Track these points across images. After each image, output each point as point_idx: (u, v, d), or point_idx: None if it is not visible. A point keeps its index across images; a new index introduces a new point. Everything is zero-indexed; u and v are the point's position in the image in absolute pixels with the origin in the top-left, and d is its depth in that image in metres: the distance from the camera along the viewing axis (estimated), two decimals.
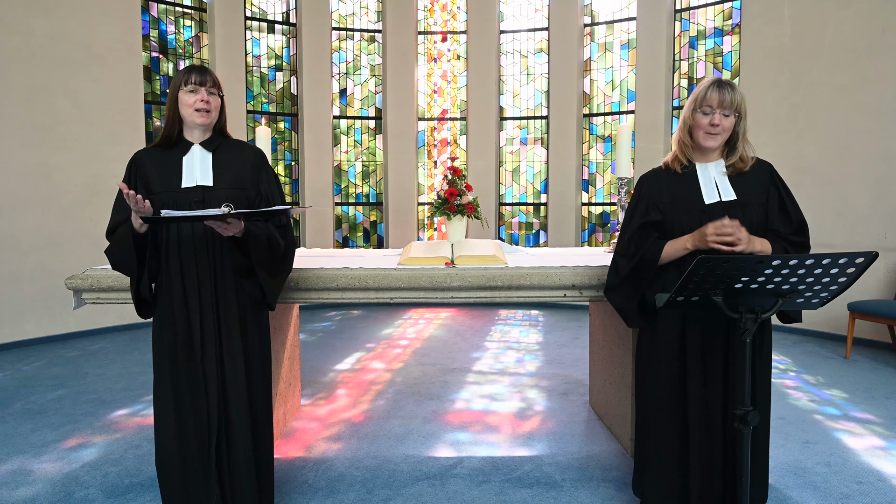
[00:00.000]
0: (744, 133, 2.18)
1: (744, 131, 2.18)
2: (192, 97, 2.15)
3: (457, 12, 7.72)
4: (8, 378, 4.51)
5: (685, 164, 2.23)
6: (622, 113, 7.16)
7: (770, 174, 2.21)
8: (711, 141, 2.15)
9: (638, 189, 2.31)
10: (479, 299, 2.74)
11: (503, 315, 6.84)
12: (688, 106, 2.17)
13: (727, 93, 2.10)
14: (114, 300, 2.69)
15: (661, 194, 2.22)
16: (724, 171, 2.20)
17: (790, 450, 3.15)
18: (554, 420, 3.61)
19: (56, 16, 5.59)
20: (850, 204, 5.34)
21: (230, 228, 2.06)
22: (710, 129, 2.12)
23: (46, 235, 5.58)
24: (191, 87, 2.14)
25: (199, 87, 2.14)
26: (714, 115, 2.11)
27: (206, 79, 2.16)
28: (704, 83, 2.15)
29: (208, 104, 2.16)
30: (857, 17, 5.28)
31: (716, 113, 2.11)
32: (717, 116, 2.11)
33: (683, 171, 2.23)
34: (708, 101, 2.11)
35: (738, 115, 2.14)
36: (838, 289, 1.80)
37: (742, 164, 2.19)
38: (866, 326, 5.25)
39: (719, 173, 2.20)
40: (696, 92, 2.17)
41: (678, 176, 2.23)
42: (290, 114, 7.40)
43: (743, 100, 2.13)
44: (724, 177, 2.19)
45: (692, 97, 2.17)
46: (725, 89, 2.10)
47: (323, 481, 2.84)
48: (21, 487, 2.80)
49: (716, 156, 2.22)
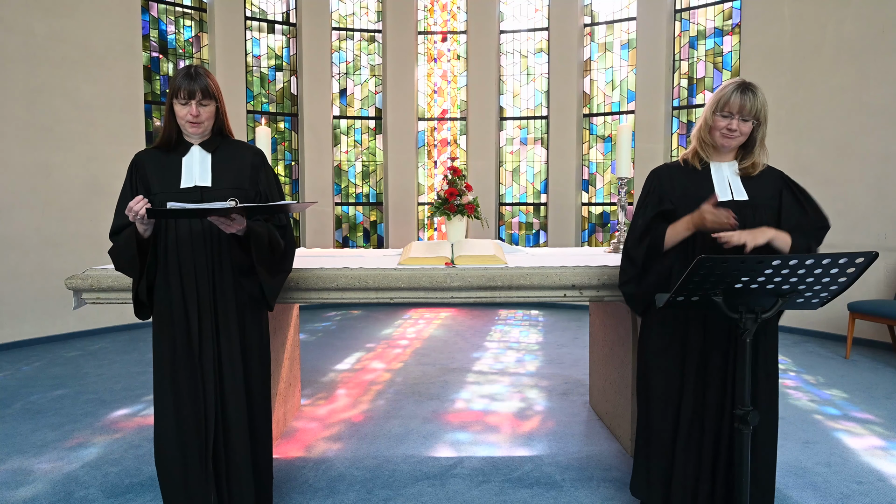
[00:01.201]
0: (762, 138, 2.18)
1: (762, 136, 2.18)
2: (183, 109, 2.15)
3: (457, 12, 7.72)
4: (8, 378, 4.51)
5: (703, 161, 2.24)
6: (622, 113, 7.16)
7: (782, 178, 2.23)
8: (727, 141, 2.15)
9: (649, 181, 2.31)
10: (479, 299, 2.74)
11: (503, 315, 6.84)
12: (710, 105, 2.17)
13: (749, 99, 2.09)
14: (114, 300, 2.69)
15: (672, 188, 2.23)
16: (736, 172, 2.21)
17: (790, 450, 3.15)
18: (554, 420, 3.61)
19: (56, 16, 5.59)
20: (850, 204, 5.34)
21: (233, 225, 2.06)
22: (728, 132, 2.13)
23: (46, 235, 5.58)
24: (182, 100, 2.14)
25: (189, 100, 2.13)
26: (733, 120, 2.11)
27: (196, 91, 2.12)
28: (729, 85, 2.14)
29: (198, 117, 2.16)
30: (857, 16, 5.28)
31: (735, 118, 2.11)
32: (736, 122, 2.11)
33: (697, 169, 2.24)
34: (730, 105, 2.10)
35: (758, 121, 2.14)
36: (838, 289, 1.80)
37: (752, 169, 2.20)
38: (866, 326, 5.25)
39: (732, 173, 2.21)
40: (719, 92, 2.15)
41: (691, 173, 2.24)
42: (290, 114, 7.40)
43: (764, 105, 2.12)
44: (736, 177, 2.21)
45: (715, 97, 2.16)
46: (748, 95, 2.09)
47: (323, 481, 2.84)
48: (21, 487, 2.80)
49: (730, 156, 2.23)
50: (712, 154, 2.23)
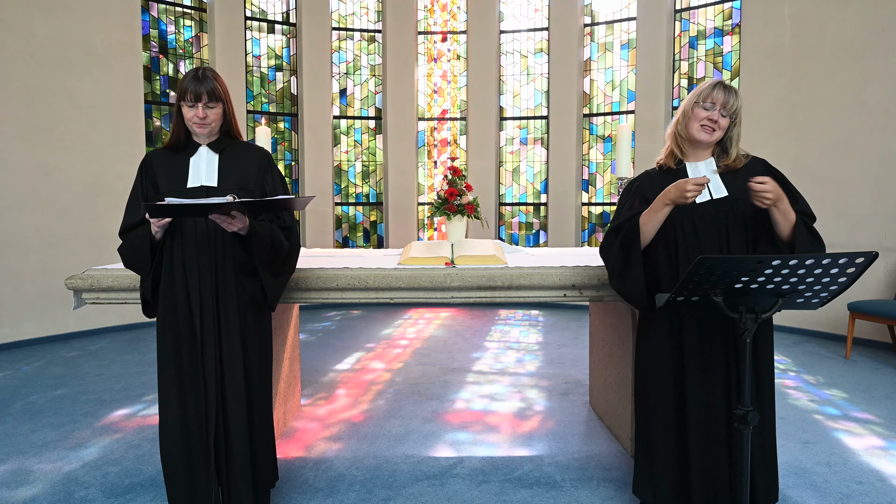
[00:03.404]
0: (737, 139, 2.22)
1: (737, 137, 2.22)
2: (190, 112, 2.19)
3: (457, 12, 7.72)
4: (8, 378, 4.51)
5: (678, 160, 2.26)
6: (622, 113, 7.16)
7: (764, 167, 2.24)
8: (705, 134, 2.18)
9: (629, 185, 2.37)
10: (479, 299, 2.74)
11: (503, 315, 6.84)
12: (689, 99, 2.21)
13: (731, 95, 2.16)
14: (114, 300, 2.69)
15: (653, 191, 2.24)
16: (714, 170, 2.23)
17: (790, 450, 3.15)
18: (554, 420, 3.61)
19: (56, 16, 5.59)
20: (850, 204, 5.34)
21: (234, 223, 2.08)
22: (708, 122, 2.16)
23: (46, 235, 5.58)
24: (189, 103, 2.18)
25: (196, 102, 2.17)
26: (714, 111, 2.15)
27: (202, 94, 2.16)
28: (709, 82, 2.20)
29: (205, 119, 2.20)
30: (857, 17, 5.28)
31: (716, 110, 2.15)
32: (717, 114, 2.15)
33: (674, 170, 2.26)
34: (713, 98, 2.15)
35: (734, 120, 2.19)
36: (838, 289, 1.80)
37: (735, 163, 2.22)
38: (866, 326, 5.25)
39: (710, 172, 2.22)
40: (699, 88, 2.22)
41: (667, 174, 2.27)
42: (290, 114, 7.40)
43: (741, 108, 2.18)
44: (715, 175, 2.22)
45: (695, 92, 2.21)
46: (730, 92, 2.16)
47: (323, 481, 2.84)
48: (21, 487, 2.80)
49: (707, 153, 2.25)
50: (688, 150, 2.25)
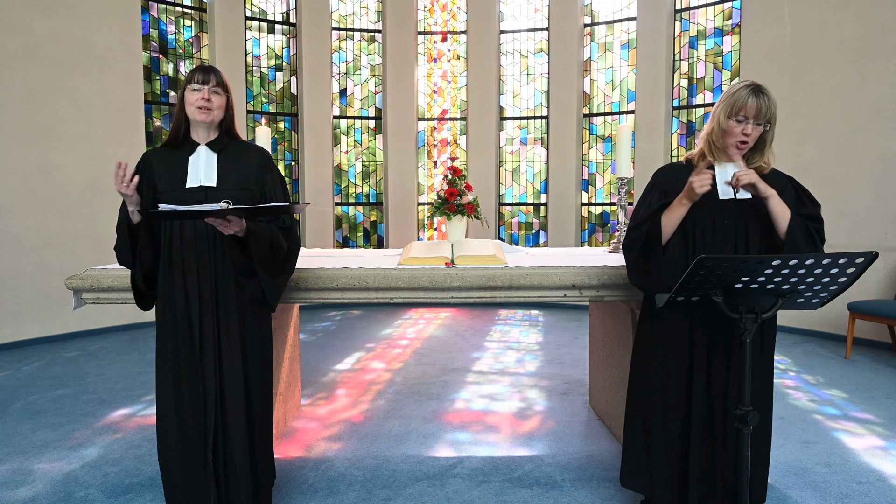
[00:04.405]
0: (771, 141, 2.15)
1: (772, 138, 2.14)
2: (194, 95, 2.19)
3: (457, 12, 7.72)
4: (8, 378, 4.51)
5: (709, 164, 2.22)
6: (622, 113, 7.16)
7: (788, 179, 2.20)
8: (739, 152, 2.12)
9: (654, 179, 2.30)
10: (479, 299, 2.73)
11: (503, 315, 6.84)
12: (723, 108, 2.10)
13: (763, 102, 2.05)
14: (114, 300, 2.69)
15: (676, 185, 2.20)
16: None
17: (790, 450, 3.15)
18: (554, 420, 3.61)
19: (56, 16, 5.59)
20: (850, 204, 5.34)
21: (231, 226, 2.07)
22: (743, 137, 2.09)
23: (46, 235, 5.58)
24: (195, 86, 2.19)
25: (203, 85, 2.19)
26: (747, 124, 2.07)
27: (210, 78, 2.20)
28: (741, 88, 2.08)
29: (209, 102, 2.19)
30: (857, 17, 5.28)
31: (749, 123, 2.07)
32: (750, 127, 2.07)
33: None
34: (746, 110, 2.05)
35: (770, 124, 2.10)
36: (838, 289, 1.80)
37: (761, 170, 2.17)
38: (866, 326, 5.25)
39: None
40: (732, 94, 2.09)
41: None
42: (290, 114, 7.40)
43: (776, 106, 2.09)
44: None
45: (728, 100, 2.09)
46: (762, 98, 2.05)
47: (323, 481, 2.84)
48: (21, 487, 2.80)
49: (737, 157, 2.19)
50: (721, 157, 2.19)
